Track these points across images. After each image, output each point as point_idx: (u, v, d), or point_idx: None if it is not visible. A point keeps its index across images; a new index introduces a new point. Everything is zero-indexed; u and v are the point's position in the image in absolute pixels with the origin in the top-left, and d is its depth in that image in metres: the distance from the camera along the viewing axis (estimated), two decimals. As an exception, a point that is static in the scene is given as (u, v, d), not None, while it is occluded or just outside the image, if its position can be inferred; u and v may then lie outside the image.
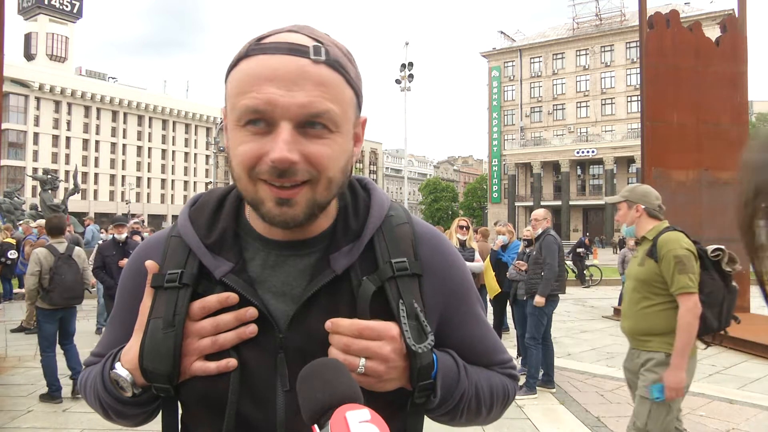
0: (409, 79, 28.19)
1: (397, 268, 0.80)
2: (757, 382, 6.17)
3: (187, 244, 0.82)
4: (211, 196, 0.89)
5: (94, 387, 0.86)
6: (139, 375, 0.78)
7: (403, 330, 0.76)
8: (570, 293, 14.09)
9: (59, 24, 75.05)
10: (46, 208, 19.77)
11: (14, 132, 67.03)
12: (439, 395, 0.80)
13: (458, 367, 0.84)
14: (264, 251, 0.82)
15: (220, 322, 0.77)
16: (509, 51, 61.10)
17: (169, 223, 29.32)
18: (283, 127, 0.70)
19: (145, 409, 0.83)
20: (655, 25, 10.34)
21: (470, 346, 0.89)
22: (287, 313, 0.78)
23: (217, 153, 47.42)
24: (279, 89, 0.70)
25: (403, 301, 0.78)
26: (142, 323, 0.79)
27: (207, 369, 0.77)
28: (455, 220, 7.58)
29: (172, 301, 0.78)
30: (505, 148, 59.34)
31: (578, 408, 5.18)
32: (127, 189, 72.14)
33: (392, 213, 0.87)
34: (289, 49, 0.71)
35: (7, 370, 6.35)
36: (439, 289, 0.85)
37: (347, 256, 0.80)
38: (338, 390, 0.64)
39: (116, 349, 0.85)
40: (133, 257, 0.90)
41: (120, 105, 76.33)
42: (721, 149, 10.12)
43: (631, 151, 47.15)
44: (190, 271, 0.80)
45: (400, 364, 0.77)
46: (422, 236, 0.87)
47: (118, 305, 0.90)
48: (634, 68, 48.95)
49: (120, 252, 6.77)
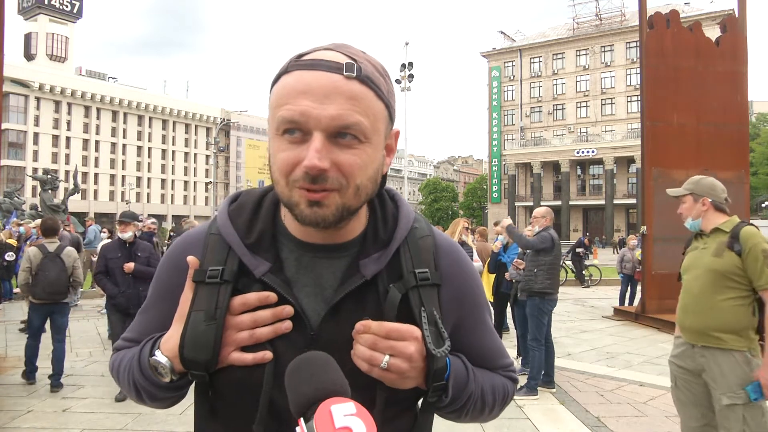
0: (409, 79, 28.17)
1: (419, 278, 0.87)
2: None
3: (227, 243, 0.88)
4: (250, 196, 0.94)
5: (129, 371, 0.92)
6: (178, 362, 0.83)
7: (424, 334, 0.83)
8: (570, 293, 14.10)
9: (59, 24, 75.01)
10: (46, 208, 19.76)
11: (14, 132, 66.99)
12: (450, 395, 0.88)
13: (468, 371, 0.92)
14: (298, 252, 0.88)
15: (258, 317, 0.83)
16: (509, 51, 61.09)
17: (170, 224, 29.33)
18: (315, 137, 0.76)
19: (177, 393, 0.90)
20: (655, 25, 10.33)
21: (478, 350, 0.98)
22: (319, 313, 0.85)
23: (217, 153, 47.42)
24: (312, 102, 0.76)
25: (425, 309, 0.85)
26: (183, 314, 0.84)
27: (244, 360, 0.82)
28: (459, 221, 7.56)
29: (213, 295, 0.83)
30: (505, 148, 59.34)
31: (578, 408, 5.19)
32: (127, 189, 72.10)
33: (416, 225, 0.94)
34: (324, 66, 0.78)
35: (7, 370, 6.35)
36: (455, 298, 0.92)
37: (376, 262, 0.87)
38: (324, 384, 0.67)
39: (153, 336, 0.91)
40: (172, 252, 0.95)
41: (120, 105, 76.29)
42: (721, 149, 10.12)
43: (631, 151, 47.14)
44: (230, 268, 0.85)
45: (420, 365, 0.83)
46: (442, 248, 0.94)
47: (154, 295, 0.96)
48: (634, 68, 48.96)
49: (126, 254, 5.59)
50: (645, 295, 9.94)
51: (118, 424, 4.62)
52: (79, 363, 6.75)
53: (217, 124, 79.35)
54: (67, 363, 6.60)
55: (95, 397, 5.41)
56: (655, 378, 6.29)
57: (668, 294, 9.80)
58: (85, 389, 5.66)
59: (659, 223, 9.90)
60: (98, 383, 5.89)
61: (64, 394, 5.50)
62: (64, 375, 5.77)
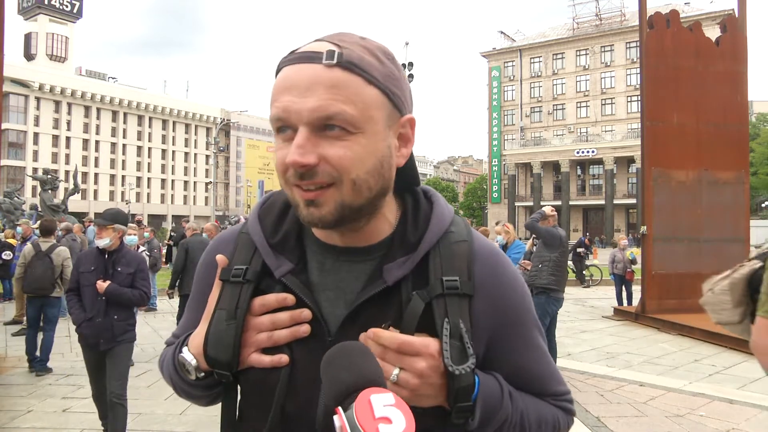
0: (409, 79, 28.20)
1: (447, 287, 0.80)
2: (757, 382, 6.16)
3: (254, 242, 0.87)
4: (280, 196, 0.92)
5: (167, 366, 0.93)
6: (203, 361, 0.83)
7: (443, 349, 0.76)
8: (570, 293, 14.04)
9: (59, 24, 74.98)
10: (46, 208, 19.74)
11: (14, 132, 66.97)
12: (478, 418, 0.78)
13: (502, 392, 0.82)
14: (321, 255, 0.85)
15: (276, 319, 0.82)
16: (509, 51, 61.07)
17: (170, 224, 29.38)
18: (299, 132, 0.73)
19: (209, 392, 0.88)
20: (655, 25, 10.33)
21: (522, 372, 0.87)
22: (338, 318, 0.81)
23: (217, 153, 47.39)
24: (294, 96, 0.73)
25: (449, 320, 0.78)
26: (209, 312, 0.84)
27: (262, 361, 0.81)
28: None
29: (235, 294, 0.83)
30: (505, 148, 59.32)
31: (578, 408, 5.18)
32: (127, 189, 72.04)
33: (453, 229, 0.86)
34: (305, 58, 0.75)
35: (7, 370, 6.35)
36: (491, 311, 0.83)
37: (401, 267, 0.81)
38: (364, 373, 0.64)
39: (189, 333, 0.91)
40: (208, 250, 0.95)
41: (120, 105, 76.26)
42: (721, 149, 10.12)
43: (631, 151, 47.12)
44: (254, 268, 0.84)
45: (437, 382, 0.76)
46: (480, 255, 0.85)
47: (196, 293, 0.96)
48: (634, 68, 48.94)
49: (102, 268, 4.07)
50: (645, 295, 9.93)
51: (118, 424, 4.62)
52: (79, 363, 6.71)
53: (217, 124, 79.32)
54: (67, 363, 6.63)
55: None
56: (655, 378, 6.29)
57: (668, 294, 9.82)
58: (85, 389, 5.63)
59: (659, 223, 9.90)
60: (98, 383, 5.89)
61: (64, 393, 5.49)
62: (64, 375, 5.79)
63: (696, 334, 8.51)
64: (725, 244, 10.00)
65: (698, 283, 7.53)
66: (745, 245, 10.27)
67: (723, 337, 8.05)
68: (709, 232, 9.99)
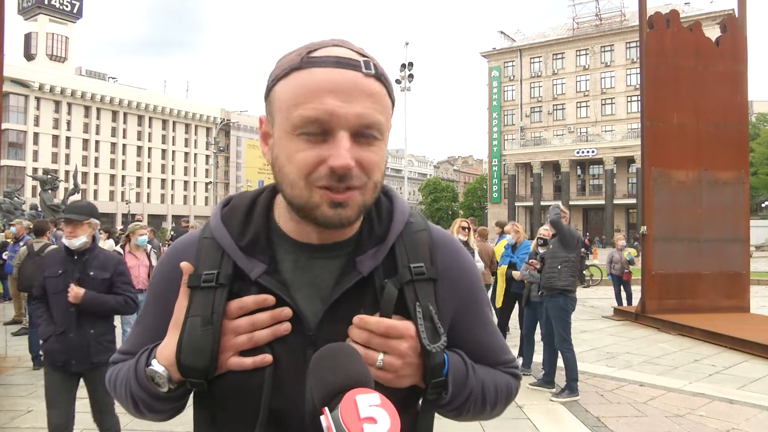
0: (409, 79, 28.16)
1: (415, 273, 0.86)
2: (757, 382, 6.17)
3: (221, 246, 0.86)
4: (242, 199, 0.92)
5: (125, 384, 0.90)
6: (176, 371, 0.82)
7: (419, 330, 0.82)
8: (570, 293, 14.10)
9: (59, 24, 74.95)
10: (46, 208, 19.73)
11: (14, 132, 66.94)
12: (450, 392, 0.85)
13: (467, 367, 0.89)
14: (294, 253, 0.86)
15: (256, 320, 0.82)
16: (509, 51, 61.06)
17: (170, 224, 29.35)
18: (342, 136, 0.75)
19: (175, 404, 0.88)
20: (655, 25, 10.34)
21: (478, 346, 0.95)
22: (316, 313, 0.83)
23: (217, 153, 47.38)
24: (337, 101, 0.75)
25: (420, 304, 0.84)
26: (179, 321, 0.83)
27: (243, 364, 0.81)
28: (456, 220, 7.51)
29: (209, 300, 0.82)
30: (505, 148, 59.30)
31: (578, 408, 5.19)
32: (127, 189, 72.02)
33: (412, 220, 0.93)
34: (344, 63, 0.76)
35: (7, 370, 6.35)
36: (452, 293, 0.91)
37: (373, 258, 0.85)
38: (350, 374, 0.67)
39: (149, 347, 0.89)
40: (165, 258, 0.93)
41: (120, 105, 76.23)
42: (721, 149, 10.13)
43: (631, 151, 47.09)
44: (225, 271, 0.84)
45: (415, 362, 0.82)
46: (439, 242, 0.93)
47: (149, 305, 0.94)
48: (634, 68, 48.91)
49: (71, 271, 3.32)
50: (645, 295, 9.93)
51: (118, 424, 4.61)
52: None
53: (217, 124, 79.32)
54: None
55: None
56: (655, 378, 6.30)
57: (668, 294, 9.83)
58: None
59: (659, 223, 9.90)
60: (98, 383, 5.89)
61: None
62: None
63: (696, 334, 8.52)
64: (725, 244, 10.01)
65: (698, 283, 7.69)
66: (745, 245, 10.29)
67: (723, 337, 8.06)
68: (709, 232, 9.99)
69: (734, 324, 8.69)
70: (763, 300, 12.46)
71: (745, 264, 10.19)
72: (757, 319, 9.57)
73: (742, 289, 10.10)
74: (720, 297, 9.82)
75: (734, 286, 10.00)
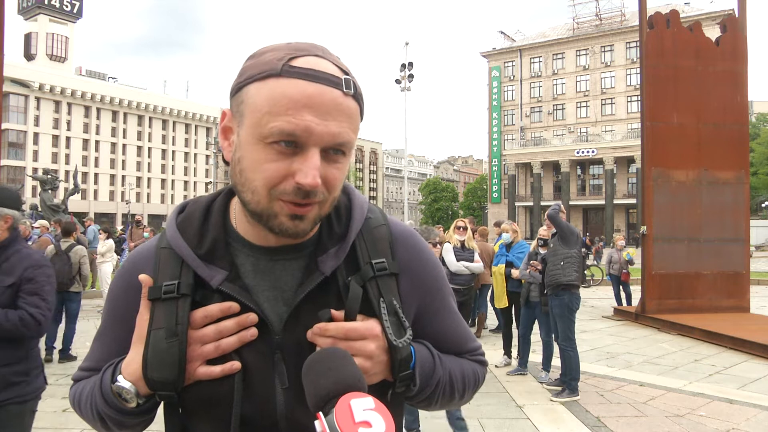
0: (409, 79, 28.16)
1: (377, 269, 0.86)
2: (757, 382, 6.17)
3: (179, 255, 0.84)
4: (196, 205, 0.90)
5: (90, 401, 0.88)
6: (143, 385, 0.80)
7: (384, 326, 0.82)
8: (570, 293, 14.09)
9: (59, 24, 74.96)
10: (46, 208, 19.73)
11: (14, 132, 66.95)
12: (418, 384, 0.86)
13: (433, 357, 0.90)
14: (254, 257, 0.85)
15: (222, 328, 0.80)
16: (509, 51, 61.05)
17: (169, 223, 29.23)
18: (313, 153, 0.75)
19: (145, 417, 0.86)
20: (655, 25, 10.34)
21: (443, 336, 0.95)
22: (281, 316, 0.82)
23: (217, 153, 47.36)
24: (315, 117, 0.74)
25: (384, 300, 0.84)
26: (142, 335, 0.81)
27: (211, 373, 0.80)
28: (456, 221, 7.49)
29: (172, 311, 0.80)
30: (505, 148, 59.29)
31: (578, 408, 5.19)
32: (127, 189, 72.02)
33: (370, 215, 0.92)
34: (325, 80, 0.75)
35: (7, 370, 6.36)
36: (415, 286, 0.91)
37: (334, 257, 0.85)
38: (343, 378, 0.67)
39: (112, 362, 0.87)
40: (122, 271, 0.91)
41: (120, 105, 76.24)
42: (721, 149, 10.13)
43: (631, 151, 47.09)
44: (186, 281, 0.82)
45: (383, 359, 0.82)
46: (398, 236, 0.92)
47: (108, 320, 0.92)
48: (634, 68, 48.91)
49: None
50: (645, 295, 9.93)
51: (118, 424, 4.62)
52: (79, 363, 6.74)
53: (217, 124, 78.67)
54: (68, 363, 6.64)
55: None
56: (655, 378, 6.30)
57: (668, 294, 9.83)
58: (86, 389, 5.66)
59: (659, 223, 9.90)
60: (98, 383, 5.91)
61: (64, 393, 5.49)
62: (64, 375, 5.81)
63: (696, 334, 8.52)
64: (725, 244, 10.01)
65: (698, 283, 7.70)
66: (745, 245, 10.28)
67: (723, 337, 8.05)
68: (709, 232, 9.99)
69: (734, 324, 8.69)
70: (763, 300, 12.45)
71: (745, 264, 10.18)
72: (757, 319, 9.57)
73: (742, 289, 10.10)
74: (720, 297, 9.82)
75: (734, 286, 10.00)
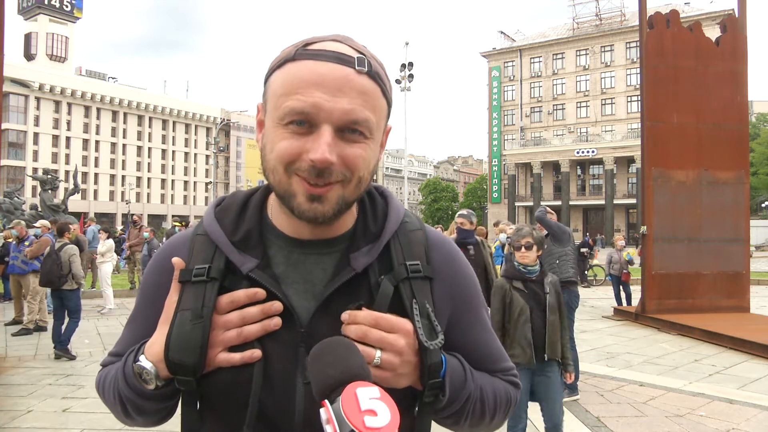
0: (409, 79, 28.16)
1: (411, 270, 0.85)
2: (757, 382, 6.17)
3: (214, 242, 0.85)
4: (235, 198, 0.93)
5: (114, 384, 0.88)
6: (164, 367, 0.80)
7: (416, 327, 0.80)
8: (570, 293, 14.09)
9: (59, 24, 74.92)
10: (46, 208, 19.72)
11: (14, 132, 66.94)
12: (448, 394, 0.82)
13: (465, 370, 0.87)
14: (287, 249, 0.86)
15: (246, 314, 0.80)
16: (509, 51, 61.04)
17: (170, 224, 29.28)
18: (325, 130, 0.75)
19: (164, 404, 0.86)
20: (655, 25, 10.34)
21: (475, 350, 0.92)
22: (309, 309, 0.82)
23: (217, 153, 47.38)
24: (324, 94, 0.74)
25: (416, 301, 0.83)
26: (168, 316, 0.81)
27: (232, 360, 0.79)
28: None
29: (200, 294, 0.81)
30: (505, 148, 59.29)
31: (578, 408, 5.19)
32: (127, 189, 72.00)
33: (407, 220, 0.92)
34: (336, 58, 0.76)
35: (7, 370, 6.35)
36: (448, 294, 0.89)
37: (367, 255, 0.84)
38: (350, 367, 0.66)
39: (138, 344, 0.87)
40: (158, 255, 0.92)
41: (120, 105, 76.21)
42: (721, 149, 10.13)
43: (631, 151, 47.10)
44: (217, 266, 0.83)
45: (413, 360, 0.80)
46: (434, 243, 0.92)
47: (141, 303, 0.92)
48: (634, 68, 48.92)
49: None
50: (645, 295, 9.93)
51: (118, 424, 4.55)
52: (79, 363, 6.74)
53: (217, 124, 79.29)
54: (68, 363, 6.64)
55: (95, 397, 5.35)
56: (655, 378, 6.30)
57: (668, 294, 9.83)
58: (85, 389, 5.66)
59: (659, 223, 9.90)
60: (98, 383, 5.90)
61: (64, 393, 5.50)
62: (64, 375, 5.80)
63: (696, 334, 8.52)
64: (725, 244, 10.01)
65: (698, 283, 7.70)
66: (745, 245, 10.28)
67: (723, 337, 8.05)
68: (709, 232, 9.99)
69: (734, 324, 8.69)
70: (763, 300, 12.45)
71: (745, 264, 10.19)
72: (757, 319, 9.57)
73: (742, 289, 10.10)
74: (720, 297, 9.82)
75: (734, 286, 10.00)
